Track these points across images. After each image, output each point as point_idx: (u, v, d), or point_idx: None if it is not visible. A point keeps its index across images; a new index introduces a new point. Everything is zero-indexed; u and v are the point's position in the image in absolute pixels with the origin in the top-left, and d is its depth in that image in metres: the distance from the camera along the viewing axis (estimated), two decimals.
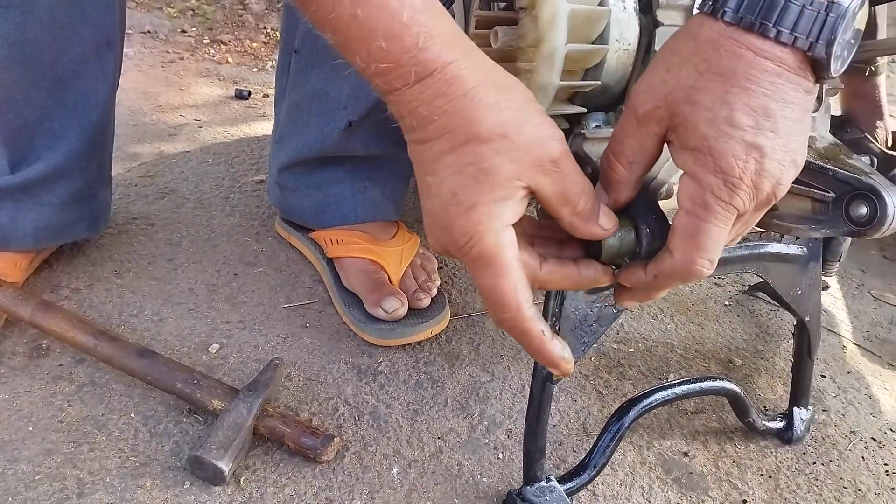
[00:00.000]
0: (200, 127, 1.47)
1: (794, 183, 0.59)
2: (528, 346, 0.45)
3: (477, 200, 0.40)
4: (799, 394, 0.82)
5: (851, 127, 1.02)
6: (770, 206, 0.44)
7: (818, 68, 0.41)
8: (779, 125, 0.41)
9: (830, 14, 0.39)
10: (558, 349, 0.45)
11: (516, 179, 0.41)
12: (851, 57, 0.42)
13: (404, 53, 0.39)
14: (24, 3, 0.74)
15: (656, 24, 0.56)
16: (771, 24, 0.39)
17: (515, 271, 0.42)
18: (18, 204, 0.86)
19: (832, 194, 0.59)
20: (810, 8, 0.39)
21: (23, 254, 0.89)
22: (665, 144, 0.45)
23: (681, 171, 0.49)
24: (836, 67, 0.41)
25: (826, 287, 0.87)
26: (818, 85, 0.42)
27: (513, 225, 0.42)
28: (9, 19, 0.74)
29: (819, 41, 0.40)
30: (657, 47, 0.56)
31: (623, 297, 0.50)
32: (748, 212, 0.43)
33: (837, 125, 1.02)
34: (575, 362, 0.61)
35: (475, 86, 0.40)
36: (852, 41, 0.42)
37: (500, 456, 0.77)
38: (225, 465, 0.67)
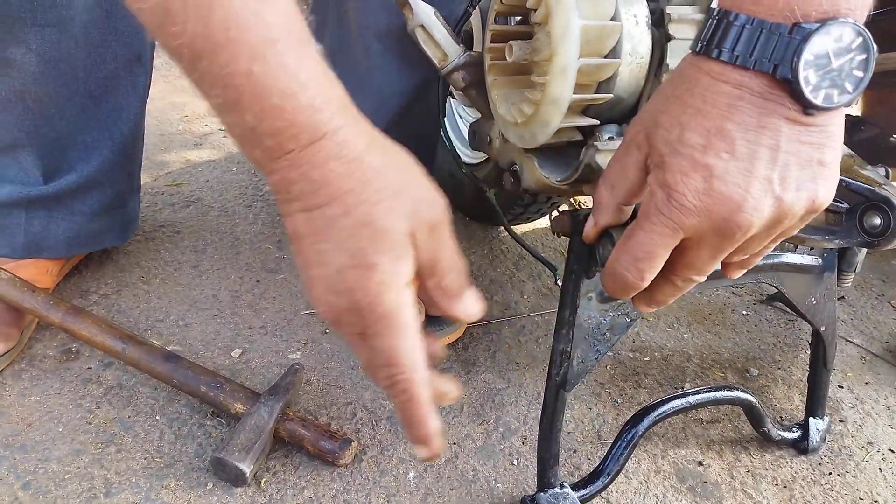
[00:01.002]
0: (225, 136, 1.50)
1: None
2: (412, 411, 0.42)
3: (377, 260, 0.39)
4: (815, 404, 0.81)
5: (866, 125, 1.02)
6: (744, 241, 0.42)
7: (799, 98, 0.39)
8: (737, 147, 0.39)
9: (794, 37, 0.38)
10: (436, 425, 0.43)
11: (409, 236, 0.40)
12: (857, 88, 0.40)
13: (299, 113, 0.37)
14: (59, 21, 0.77)
15: (668, 38, 0.57)
16: (725, 49, 0.39)
17: (415, 331, 0.41)
18: (51, 213, 0.89)
19: (846, 205, 0.59)
20: (769, 31, 0.38)
21: (54, 261, 0.92)
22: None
23: None
24: (823, 97, 0.39)
25: (841, 297, 0.86)
26: (820, 114, 0.39)
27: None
28: (45, 37, 0.77)
29: (781, 65, 0.38)
30: (669, 60, 0.57)
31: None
32: (707, 236, 0.41)
33: (851, 125, 1.02)
34: (588, 371, 0.63)
35: (364, 148, 0.39)
36: (854, 70, 0.39)
37: (515, 462, 0.78)
38: (246, 467, 0.69)
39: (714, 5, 0.56)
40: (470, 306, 0.45)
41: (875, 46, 0.40)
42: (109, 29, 0.82)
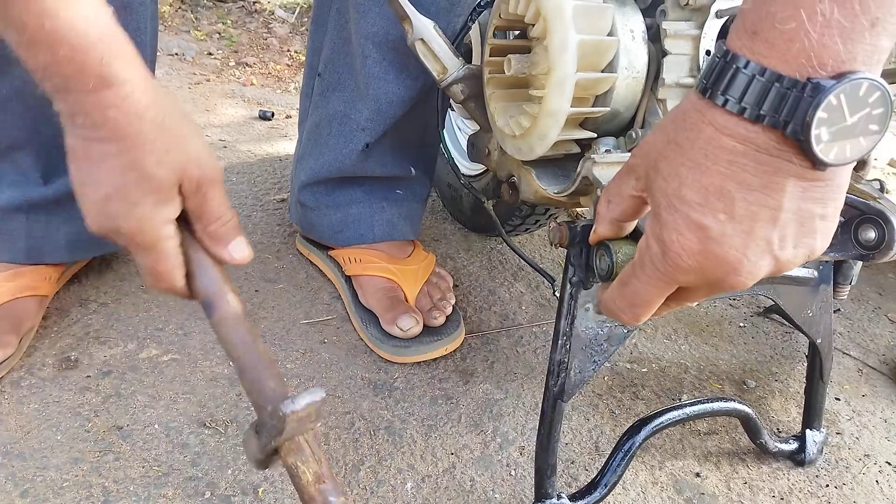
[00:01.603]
0: (225, 147, 1.51)
1: None
2: (174, 293, 0.51)
3: (138, 200, 0.46)
4: (812, 416, 0.82)
5: None
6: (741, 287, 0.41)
7: (808, 154, 0.37)
8: (736, 209, 0.38)
9: (808, 95, 0.35)
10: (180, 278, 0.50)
11: (176, 187, 0.47)
12: (873, 142, 0.38)
13: (87, 65, 0.42)
14: None
15: (664, 53, 0.58)
16: (732, 98, 0.37)
17: (174, 256, 0.48)
18: (51, 217, 0.89)
19: (841, 218, 0.60)
20: (781, 86, 0.36)
21: (54, 268, 0.92)
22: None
23: None
24: (834, 154, 0.37)
25: (837, 310, 0.87)
26: (829, 168, 0.37)
27: None
28: None
29: (792, 122, 0.36)
30: (665, 75, 0.57)
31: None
32: (698, 289, 0.42)
33: None
34: (586, 382, 0.63)
35: (146, 106, 0.44)
36: (871, 125, 0.37)
37: (513, 473, 0.78)
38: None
39: (709, 28, 0.57)
40: (236, 252, 0.51)
41: (893, 99, 0.38)
42: None
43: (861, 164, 0.69)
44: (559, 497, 0.67)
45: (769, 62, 0.36)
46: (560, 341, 0.61)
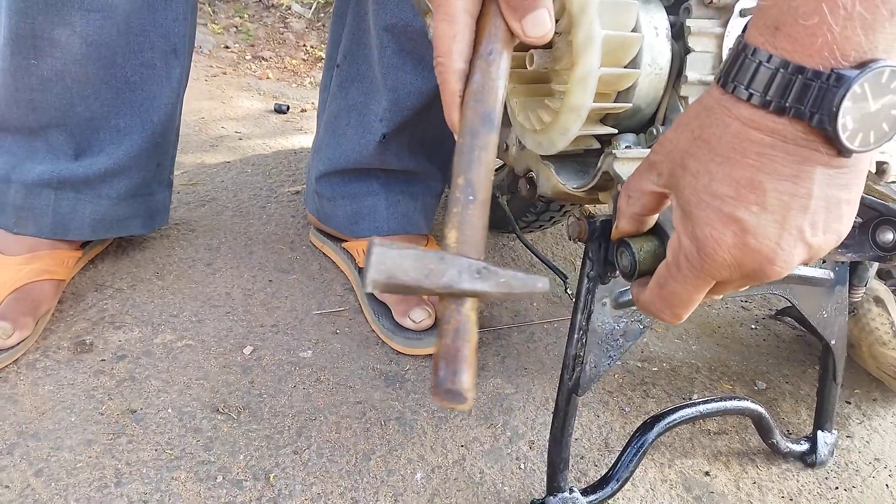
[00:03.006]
0: (241, 139, 1.52)
1: None
2: (443, 98, 0.46)
3: None
4: (823, 417, 0.82)
5: None
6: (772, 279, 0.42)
7: (834, 142, 0.37)
8: (768, 200, 0.38)
9: (834, 85, 0.36)
10: (457, 115, 0.46)
11: None
12: (893, 129, 0.38)
13: None
14: (104, 7, 0.81)
15: (687, 50, 0.58)
16: (756, 92, 0.38)
17: (461, 24, 0.44)
18: (79, 195, 0.91)
19: (859, 219, 0.60)
20: (806, 78, 0.36)
21: (71, 252, 0.93)
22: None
23: None
24: (860, 141, 0.38)
25: (853, 311, 0.87)
26: (855, 156, 0.38)
27: None
28: (90, 21, 0.81)
29: (819, 113, 0.37)
30: (688, 72, 0.58)
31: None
32: (733, 282, 0.42)
33: None
34: (600, 376, 0.63)
35: None
36: (893, 111, 0.38)
37: (522, 466, 0.78)
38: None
39: (733, 27, 0.57)
40: (530, 27, 0.45)
41: None
42: (149, 20, 0.85)
43: (881, 171, 0.69)
44: (571, 491, 0.67)
45: (792, 56, 0.37)
46: (576, 335, 0.61)
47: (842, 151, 0.38)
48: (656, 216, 0.49)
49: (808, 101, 0.37)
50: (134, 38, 0.85)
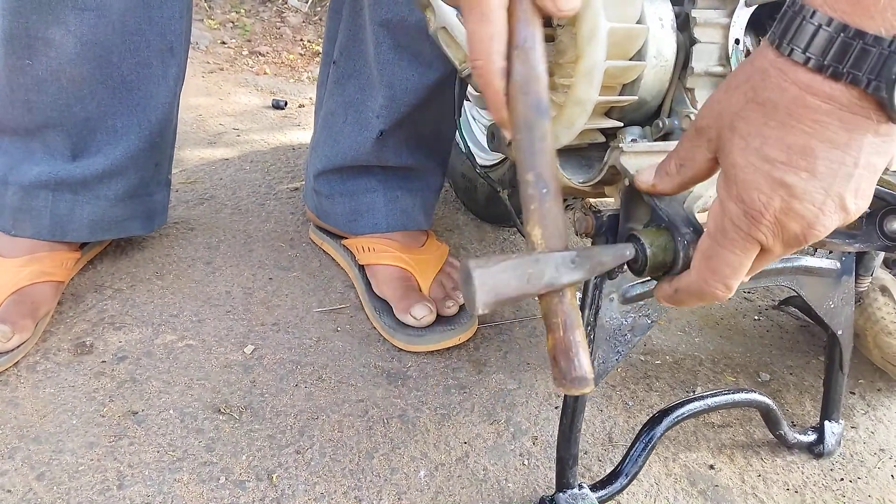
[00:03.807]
0: (238, 135, 1.51)
1: None
2: (487, 99, 0.46)
3: None
4: (830, 408, 0.81)
5: None
6: (804, 246, 0.42)
7: (887, 109, 0.37)
8: (818, 167, 0.39)
9: (892, 50, 0.36)
10: (506, 112, 0.45)
11: None
12: None
13: None
14: (98, 6, 0.80)
15: (693, 41, 0.57)
16: (813, 56, 0.37)
17: (499, 21, 0.43)
18: (77, 196, 0.90)
19: (867, 209, 0.59)
20: (866, 44, 0.36)
21: (70, 254, 0.92)
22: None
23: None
24: None
25: (859, 301, 0.87)
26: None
27: None
28: (84, 20, 0.80)
29: (877, 80, 0.37)
30: (694, 64, 0.57)
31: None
32: (774, 247, 0.42)
33: None
34: (609, 372, 0.63)
35: None
36: None
37: (526, 462, 0.78)
38: None
39: (739, 17, 0.57)
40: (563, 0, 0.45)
41: None
42: (144, 18, 0.84)
43: None
44: (580, 487, 0.67)
45: (852, 19, 0.37)
46: (585, 330, 0.60)
47: (892, 119, 0.38)
48: (693, 186, 0.48)
49: (867, 68, 0.36)
50: (129, 36, 0.84)
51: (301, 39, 2.14)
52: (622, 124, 0.59)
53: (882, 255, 0.78)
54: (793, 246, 0.42)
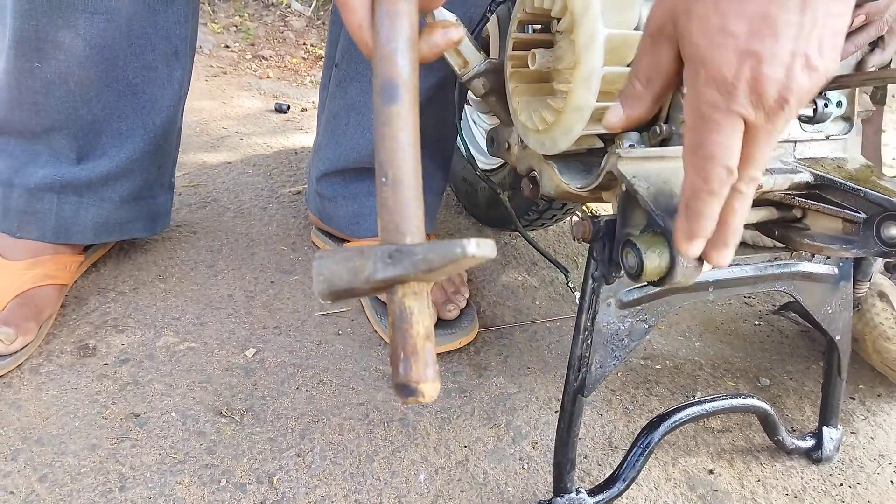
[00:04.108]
0: (241, 139, 1.51)
1: (825, 203, 0.61)
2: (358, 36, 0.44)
3: None
4: (829, 413, 0.81)
5: None
6: (789, 115, 0.42)
7: None
8: (780, 30, 0.40)
9: None
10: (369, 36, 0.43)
11: None
12: None
13: None
14: (108, 10, 0.81)
15: None
16: None
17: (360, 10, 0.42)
18: (82, 199, 0.91)
19: (863, 215, 0.60)
20: None
21: (73, 257, 0.93)
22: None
23: None
24: None
25: (857, 307, 0.87)
26: None
27: None
28: (93, 24, 0.81)
29: None
30: None
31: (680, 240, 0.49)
32: (758, 118, 0.42)
33: None
34: (606, 376, 0.63)
35: None
36: None
37: (526, 466, 0.78)
38: None
39: None
40: None
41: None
42: (150, 22, 0.85)
43: None
44: (578, 492, 0.67)
45: None
46: (581, 336, 0.61)
47: None
48: (665, 101, 0.48)
49: None
50: (135, 40, 0.85)
51: (304, 43, 2.15)
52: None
53: (879, 260, 0.78)
54: (777, 114, 0.42)
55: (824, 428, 0.82)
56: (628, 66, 0.57)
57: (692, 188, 0.45)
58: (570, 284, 1.10)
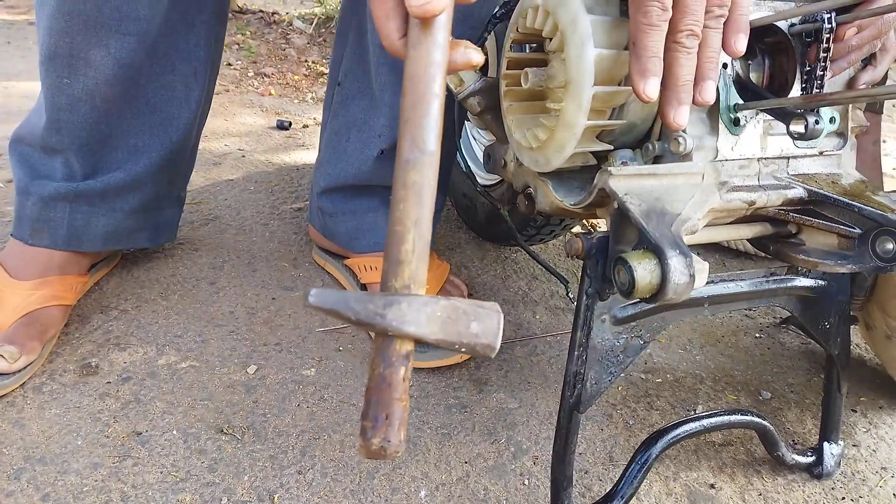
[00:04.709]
0: (243, 156, 1.53)
1: (819, 219, 0.61)
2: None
3: None
4: (829, 428, 0.81)
5: None
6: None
7: None
8: None
9: None
10: None
11: None
12: None
13: None
14: (138, 32, 0.84)
15: None
16: None
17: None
18: (93, 208, 0.93)
19: (858, 230, 0.60)
20: None
21: (79, 278, 0.94)
22: None
23: (706, 208, 0.52)
24: None
25: (855, 321, 0.86)
26: None
27: None
28: (124, 45, 0.84)
29: None
30: None
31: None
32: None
33: None
34: (602, 393, 0.63)
35: None
36: None
37: (526, 482, 0.78)
38: None
39: None
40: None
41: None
42: (172, 44, 0.88)
43: None
44: None
45: None
46: (576, 352, 0.61)
47: None
48: None
49: None
50: (157, 60, 0.88)
51: (305, 60, 2.17)
52: (613, 147, 0.60)
53: (876, 275, 0.78)
54: None
55: (825, 443, 0.81)
56: (619, 84, 0.57)
57: (636, 25, 0.52)
58: (570, 295, 1.11)
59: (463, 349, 0.38)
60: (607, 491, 0.70)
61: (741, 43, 0.54)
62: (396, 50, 0.43)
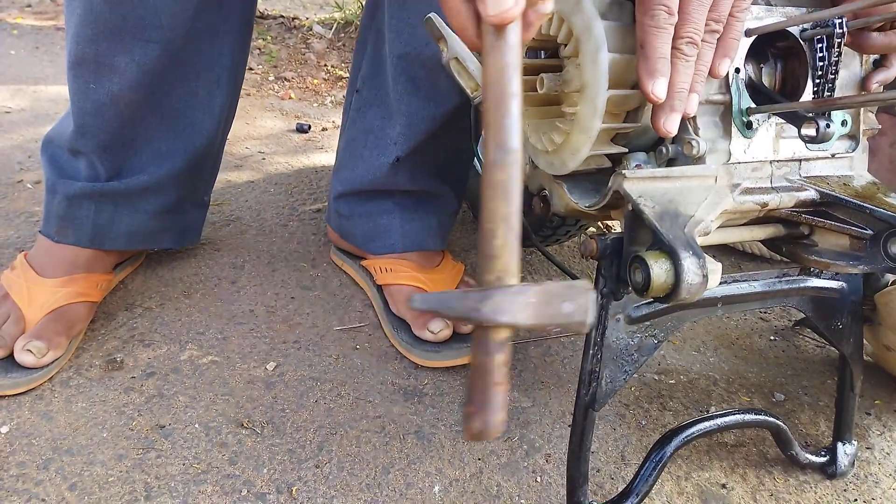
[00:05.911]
0: (264, 158, 1.55)
1: (831, 220, 0.62)
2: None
3: None
4: (842, 429, 0.82)
5: None
6: None
7: None
8: None
9: None
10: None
11: None
12: None
13: None
14: (163, 41, 0.86)
15: None
16: None
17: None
18: (118, 207, 0.96)
19: (870, 231, 0.61)
20: None
21: (104, 276, 0.97)
22: None
23: (719, 210, 0.53)
24: None
25: (868, 322, 0.87)
26: None
27: None
28: (148, 52, 0.86)
29: None
30: None
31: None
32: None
33: None
34: (616, 391, 0.65)
35: None
36: None
37: (539, 479, 0.80)
38: None
39: (739, 52, 0.59)
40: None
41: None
42: (195, 51, 0.90)
43: None
44: None
45: None
46: (591, 351, 0.62)
47: None
48: None
49: None
50: (181, 67, 0.90)
51: (325, 65, 2.20)
52: (627, 150, 0.62)
53: (889, 276, 0.78)
54: None
55: (838, 443, 0.82)
56: (633, 88, 0.59)
57: (643, 28, 0.53)
58: None
59: (557, 329, 0.40)
60: (622, 489, 0.71)
61: (723, 67, 0.56)
62: (478, 48, 0.45)
